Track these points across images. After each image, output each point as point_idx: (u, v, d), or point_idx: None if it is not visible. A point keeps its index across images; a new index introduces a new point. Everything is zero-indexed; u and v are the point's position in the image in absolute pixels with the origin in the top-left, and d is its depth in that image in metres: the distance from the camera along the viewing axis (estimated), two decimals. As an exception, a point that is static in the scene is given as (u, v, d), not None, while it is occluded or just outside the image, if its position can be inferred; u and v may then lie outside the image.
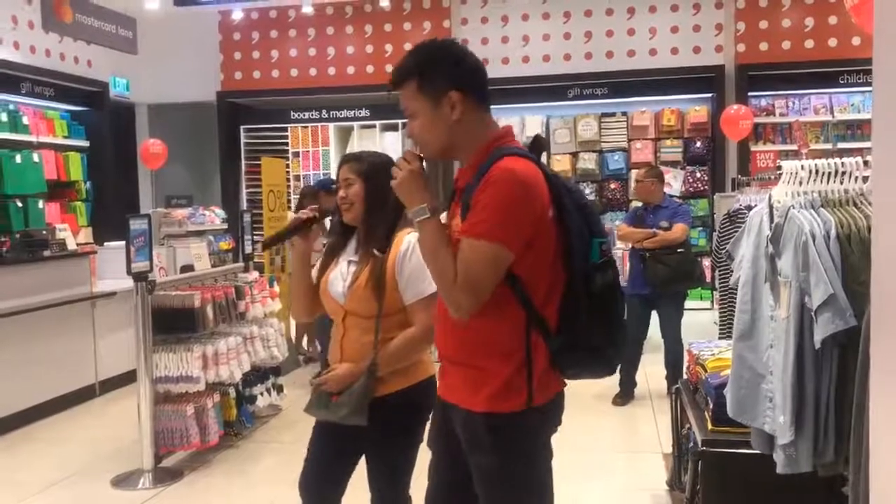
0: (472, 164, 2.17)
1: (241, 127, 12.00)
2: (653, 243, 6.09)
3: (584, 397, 6.30)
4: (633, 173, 10.77)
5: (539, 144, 2.27)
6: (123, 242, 4.81)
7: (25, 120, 9.28)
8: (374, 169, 2.81)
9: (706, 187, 10.86)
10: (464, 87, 2.15)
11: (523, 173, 2.07)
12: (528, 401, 2.12)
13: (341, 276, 2.83)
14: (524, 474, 2.17)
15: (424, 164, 2.23)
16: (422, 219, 2.11)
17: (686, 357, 4.02)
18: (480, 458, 2.17)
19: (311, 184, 7.89)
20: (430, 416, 2.84)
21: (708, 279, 10.50)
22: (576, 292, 2.10)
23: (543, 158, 2.29)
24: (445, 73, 2.16)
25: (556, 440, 2.29)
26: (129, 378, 6.33)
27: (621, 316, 2.20)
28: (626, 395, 6.21)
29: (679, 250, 6.08)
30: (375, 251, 2.49)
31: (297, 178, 11.59)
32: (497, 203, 2.03)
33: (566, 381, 2.25)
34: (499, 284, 2.07)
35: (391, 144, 11.20)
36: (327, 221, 3.81)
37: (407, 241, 2.73)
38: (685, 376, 4.00)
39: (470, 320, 2.09)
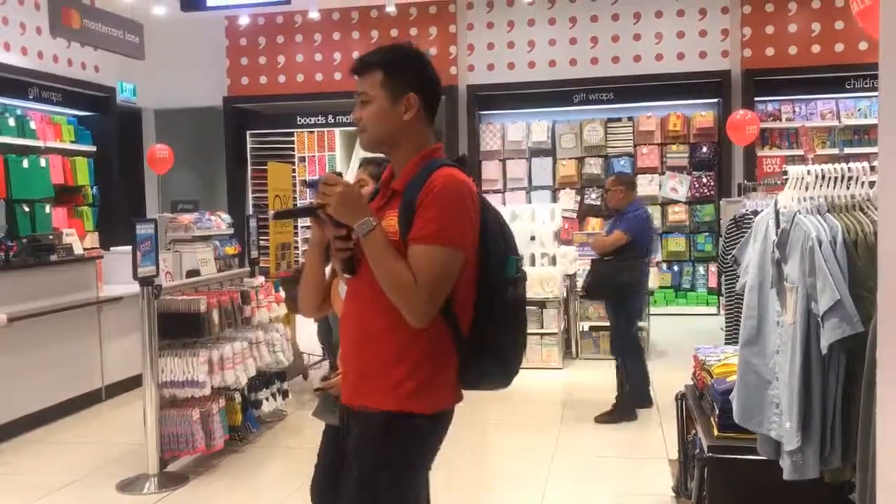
0: (407, 170, 2.25)
1: (248, 132, 12.03)
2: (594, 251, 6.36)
3: (590, 402, 6.29)
4: (639, 179, 10.79)
5: (465, 162, 2.37)
6: (130, 247, 4.82)
7: (33, 125, 9.32)
8: None
9: (712, 192, 10.85)
10: (422, 94, 2.25)
11: (466, 182, 2.20)
12: (441, 404, 2.21)
13: None
14: (418, 475, 2.29)
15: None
16: (368, 231, 2.14)
17: (692, 362, 4.00)
18: (377, 458, 2.20)
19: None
20: None
21: (714, 285, 10.53)
22: (489, 302, 2.19)
23: (546, 163, 2.35)
24: (412, 75, 2.26)
25: (562, 444, 2.30)
26: (134, 382, 6.35)
27: (524, 330, 2.31)
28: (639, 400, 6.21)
29: (606, 258, 6.10)
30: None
31: (304, 182, 11.60)
32: (447, 208, 2.12)
33: (467, 390, 2.31)
34: None
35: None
36: None
37: None
38: (692, 381, 3.99)
39: (392, 327, 2.14)
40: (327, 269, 2.91)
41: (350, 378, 2.30)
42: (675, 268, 11.02)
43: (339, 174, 2.24)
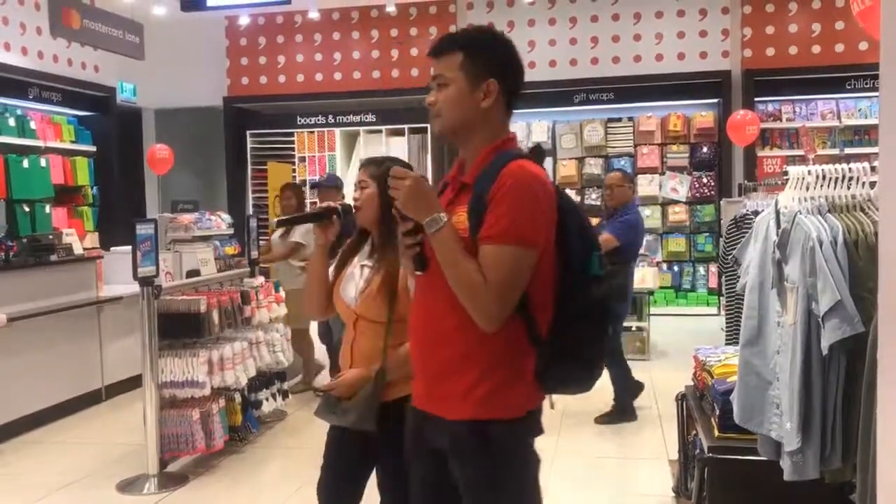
0: (478, 161, 2.13)
1: (248, 132, 12.03)
2: None
3: (591, 403, 6.28)
4: (639, 178, 10.79)
5: (541, 153, 2.23)
6: (130, 247, 4.82)
7: (33, 125, 9.32)
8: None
9: (713, 192, 10.85)
10: (503, 81, 2.12)
11: (539, 176, 2.06)
12: (517, 408, 2.09)
13: (354, 281, 2.84)
14: (515, 482, 2.13)
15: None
16: (437, 228, 2.03)
17: (692, 363, 4.00)
18: (470, 469, 2.12)
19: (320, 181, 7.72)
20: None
21: (714, 285, 10.53)
22: (572, 303, 2.07)
23: (546, 164, 2.26)
24: (495, 60, 2.13)
25: (562, 446, 2.28)
26: (135, 383, 6.35)
27: (608, 332, 2.18)
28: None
29: None
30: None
31: (304, 182, 11.59)
32: (519, 204, 2.00)
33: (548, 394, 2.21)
34: None
35: (397, 149, 11.22)
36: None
37: None
38: (692, 382, 3.99)
39: (462, 326, 2.05)
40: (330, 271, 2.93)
41: (420, 380, 2.23)
42: (676, 268, 11.01)
43: (410, 166, 2.16)
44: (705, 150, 10.90)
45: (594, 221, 10.54)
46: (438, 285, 2.07)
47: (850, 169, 2.69)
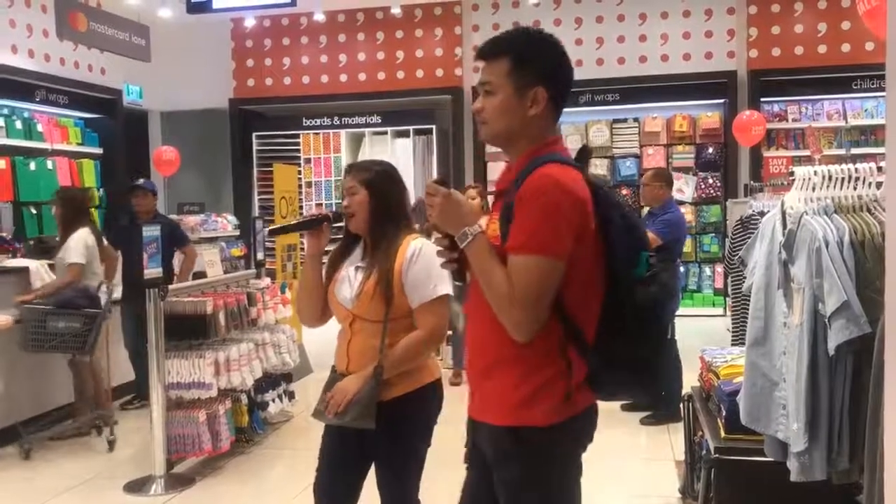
0: (514, 168, 2.12)
1: (254, 134, 12.05)
2: None
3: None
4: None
5: (585, 153, 2.17)
6: (136, 249, 4.84)
7: (40, 127, 9.35)
8: (379, 178, 2.85)
9: (718, 193, 10.83)
10: (551, 87, 2.08)
11: (564, 180, 1.99)
12: (553, 415, 2.04)
13: (348, 282, 2.84)
14: (549, 487, 2.11)
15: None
16: (467, 242, 2.03)
17: (699, 364, 4.00)
18: (504, 472, 2.12)
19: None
20: (436, 420, 2.84)
21: (720, 285, 10.51)
22: (617, 307, 2.01)
23: None
24: (543, 66, 2.08)
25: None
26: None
27: (664, 335, 2.11)
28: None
29: None
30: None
31: (309, 184, 11.62)
32: (540, 213, 1.96)
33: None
34: None
35: (402, 151, 11.23)
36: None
37: (413, 246, 2.77)
38: (698, 383, 3.98)
39: (498, 336, 2.03)
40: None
41: (470, 388, 2.22)
42: (682, 269, 10.97)
43: (443, 182, 2.16)
44: (711, 150, 10.88)
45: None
46: (478, 293, 2.08)
47: (856, 169, 2.69)
